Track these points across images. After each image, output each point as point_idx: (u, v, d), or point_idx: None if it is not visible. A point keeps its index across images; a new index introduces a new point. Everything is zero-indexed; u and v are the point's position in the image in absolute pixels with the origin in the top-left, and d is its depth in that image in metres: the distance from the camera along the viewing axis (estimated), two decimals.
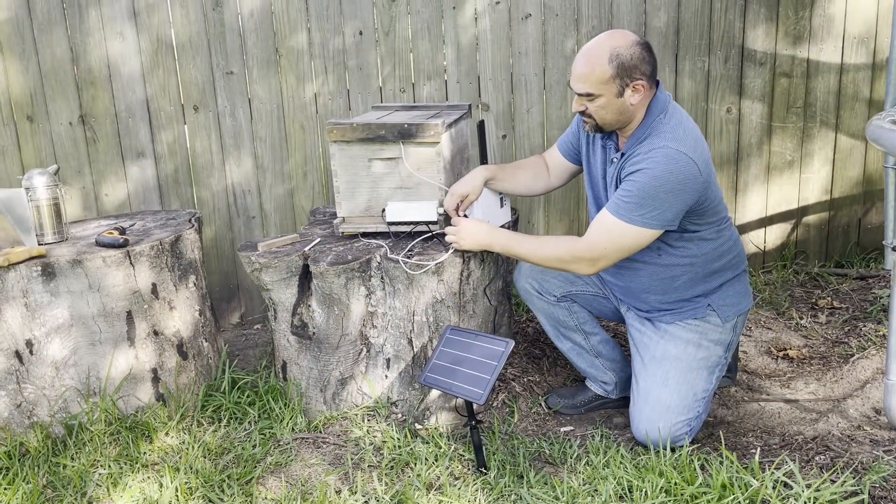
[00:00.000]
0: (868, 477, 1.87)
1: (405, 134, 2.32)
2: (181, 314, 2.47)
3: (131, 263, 2.31)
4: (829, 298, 3.15)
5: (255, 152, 3.29)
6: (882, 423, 2.23)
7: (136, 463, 2.18)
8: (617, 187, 2.13)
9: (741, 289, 2.28)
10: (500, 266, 2.51)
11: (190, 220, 2.63)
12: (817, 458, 2.04)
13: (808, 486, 1.81)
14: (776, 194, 3.43)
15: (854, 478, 1.88)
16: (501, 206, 2.52)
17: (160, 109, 3.22)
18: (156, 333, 2.40)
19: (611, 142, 2.21)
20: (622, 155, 2.13)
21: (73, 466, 2.17)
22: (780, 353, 2.76)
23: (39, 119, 3.17)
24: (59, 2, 3.08)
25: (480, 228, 2.25)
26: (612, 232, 2.05)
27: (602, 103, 2.07)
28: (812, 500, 1.76)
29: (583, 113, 2.13)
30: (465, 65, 3.25)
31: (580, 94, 2.09)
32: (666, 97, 2.12)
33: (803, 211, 3.46)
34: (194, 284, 2.53)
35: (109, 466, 2.17)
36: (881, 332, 2.78)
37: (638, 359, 2.28)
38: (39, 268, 2.22)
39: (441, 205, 2.37)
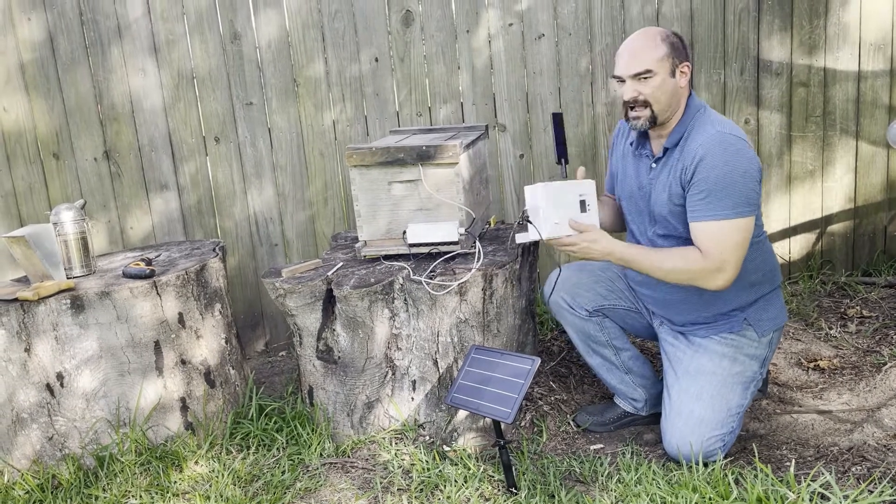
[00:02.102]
0: None
1: (423, 156, 2.34)
2: (208, 342, 2.49)
3: (158, 294, 2.34)
4: (857, 307, 3.11)
5: (276, 181, 3.33)
6: None
7: (167, 492, 2.19)
8: (663, 189, 2.13)
9: (777, 303, 2.26)
10: (522, 284, 2.51)
11: (214, 250, 2.66)
12: (853, 469, 2.00)
13: (846, 497, 1.77)
14: (799, 204, 3.40)
15: (892, 487, 1.84)
16: (583, 210, 2.17)
17: (182, 142, 3.27)
18: (183, 362, 2.42)
19: (646, 150, 2.21)
20: (665, 150, 2.14)
21: (105, 498, 2.19)
22: (811, 365, 2.72)
23: (65, 156, 3.24)
24: (81, 41, 3.16)
25: (598, 237, 2.12)
26: (716, 235, 2.02)
27: (658, 83, 2.06)
28: None
29: (634, 105, 2.10)
30: (481, 86, 3.28)
31: (636, 74, 2.07)
32: (699, 99, 2.17)
33: (827, 220, 3.43)
34: (220, 313, 2.55)
35: (141, 497, 2.18)
36: None
37: (671, 373, 2.26)
38: (69, 301, 2.26)
39: (461, 225, 2.37)
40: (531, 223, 2.11)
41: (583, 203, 2.15)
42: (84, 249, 2.48)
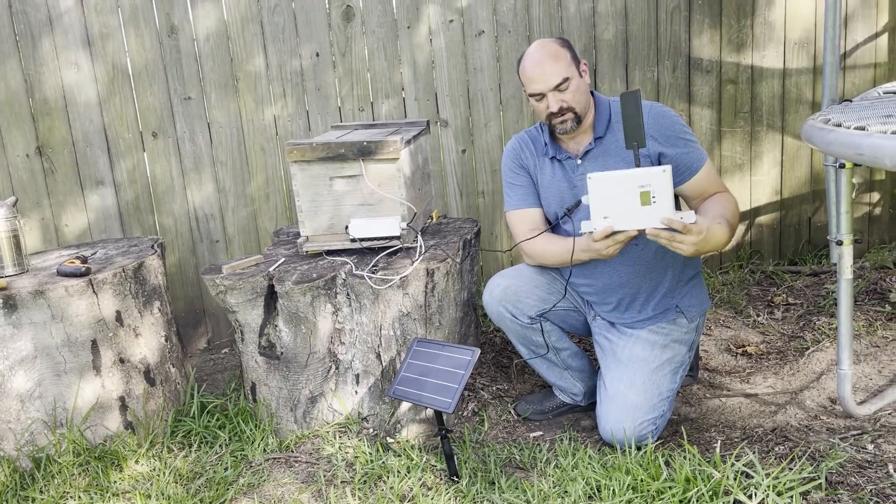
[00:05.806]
0: (825, 463, 1.93)
1: (365, 151, 2.36)
2: (147, 341, 2.46)
3: (94, 292, 2.31)
4: (784, 295, 3.25)
5: (217, 176, 3.30)
6: (837, 412, 2.31)
7: (107, 493, 2.17)
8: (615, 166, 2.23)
9: (702, 288, 2.37)
10: (464, 277, 2.55)
11: (152, 246, 2.63)
12: (777, 449, 2.10)
13: (768, 475, 1.87)
14: None
15: (812, 465, 1.95)
16: (645, 203, 1.80)
17: (118, 137, 3.21)
18: (122, 361, 2.39)
19: (562, 153, 2.28)
20: (597, 139, 2.23)
21: (42, 499, 2.15)
22: (739, 350, 2.84)
23: None
24: (11, 32, 3.07)
25: (702, 228, 1.92)
26: (713, 174, 2.25)
27: (575, 86, 2.19)
28: (772, 488, 1.82)
29: (560, 112, 2.19)
30: (423, 82, 3.30)
31: (556, 86, 2.16)
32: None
33: (756, 212, 3.57)
34: (159, 310, 2.53)
35: (79, 497, 2.15)
36: (834, 325, 2.88)
37: (605, 362, 2.33)
38: (1, 300, 2.21)
39: (403, 219, 2.40)
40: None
41: (645, 195, 1.81)
42: (16, 248, 2.42)
